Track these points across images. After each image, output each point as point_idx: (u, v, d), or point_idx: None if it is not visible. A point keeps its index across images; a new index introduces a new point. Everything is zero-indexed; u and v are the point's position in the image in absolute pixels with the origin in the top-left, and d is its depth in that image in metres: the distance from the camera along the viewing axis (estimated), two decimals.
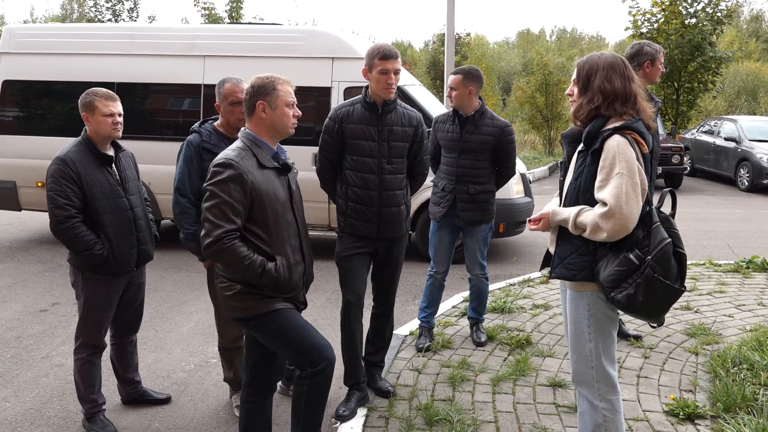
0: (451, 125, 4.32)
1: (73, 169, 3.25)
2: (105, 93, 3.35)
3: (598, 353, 2.57)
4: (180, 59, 7.41)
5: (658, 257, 2.36)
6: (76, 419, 3.62)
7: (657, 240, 2.37)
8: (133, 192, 3.49)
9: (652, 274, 2.34)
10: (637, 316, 2.50)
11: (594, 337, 2.56)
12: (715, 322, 4.87)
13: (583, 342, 2.58)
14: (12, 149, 7.70)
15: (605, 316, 2.57)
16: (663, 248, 2.37)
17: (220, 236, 2.54)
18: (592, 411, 2.62)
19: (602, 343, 2.57)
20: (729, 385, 3.61)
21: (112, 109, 3.34)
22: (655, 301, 2.38)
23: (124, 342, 3.73)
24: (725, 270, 6.47)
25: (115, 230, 3.34)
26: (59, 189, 3.23)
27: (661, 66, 4.27)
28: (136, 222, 3.45)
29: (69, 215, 3.23)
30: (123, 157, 3.53)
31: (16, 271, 6.69)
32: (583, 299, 2.56)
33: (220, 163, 2.60)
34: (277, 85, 2.71)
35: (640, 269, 2.36)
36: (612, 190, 2.35)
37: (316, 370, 2.73)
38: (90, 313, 3.43)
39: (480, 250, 4.47)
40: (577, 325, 2.59)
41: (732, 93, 30.49)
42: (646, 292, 2.36)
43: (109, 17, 20.46)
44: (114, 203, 3.35)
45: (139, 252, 3.48)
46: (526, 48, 48.80)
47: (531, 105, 20.57)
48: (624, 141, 2.40)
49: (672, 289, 2.39)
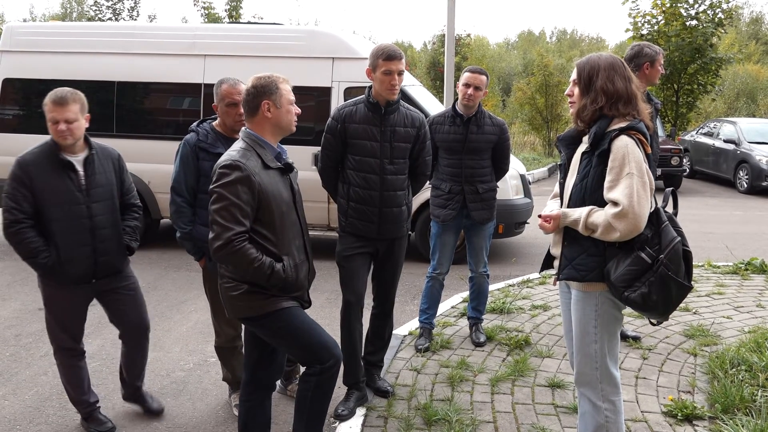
0: (451, 126, 4.32)
1: (25, 172, 3.07)
2: (55, 97, 3.07)
3: (603, 354, 2.59)
4: (180, 58, 7.41)
5: (671, 255, 2.39)
6: (75, 417, 3.62)
7: (668, 239, 2.41)
8: (99, 199, 3.22)
9: (666, 272, 2.37)
10: (650, 314, 2.52)
11: (600, 337, 2.58)
12: (714, 324, 4.88)
13: (589, 342, 2.59)
14: (11, 147, 7.66)
15: (612, 316, 2.58)
16: (674, 246, 2.41)
17: (230, 239, 2.54)
18: (595, 412, 2.63)
19: (608, 343, 2.59)
20: (727, 386, 3.62)
21: (56, 115, 3.05)
22: (668, 298, 2.42)
23: (131, 349, 3.57)
24: (724, 272, 6.48)
25: (65, 239, 3.12)
26: (11, 192, 3.07)
27: (660, 68, 4.28)
28: (95, 231, 3.20)
29: (15, 220, 3.07)
30: (99, 159, 3.26)
31: (15, 269, 6.68)
32: (591, 299, 2.57)
33: (226, 164, 2.59)
34: (279, 84, 2.73)
35: (653, 268, 2.39)
36: (624, 190, 2.38)
37: (324, 366, 2.75)
38: (51, 316, 3.32)
39: (485, 247, 4.53)
40: (584, 325, 2.60)
41: (731, 95, 30.53)
42: (659, 290, 2.39)
43: (109, 16, 20.45)
44: (69, 210, 3.13)
45: (96, 263, 3.22)
46: (527, 49, 48.83)
47: (531, 106, 20.60)
48: (632, 141, 2.44)
49: (683, 287, 2.43)
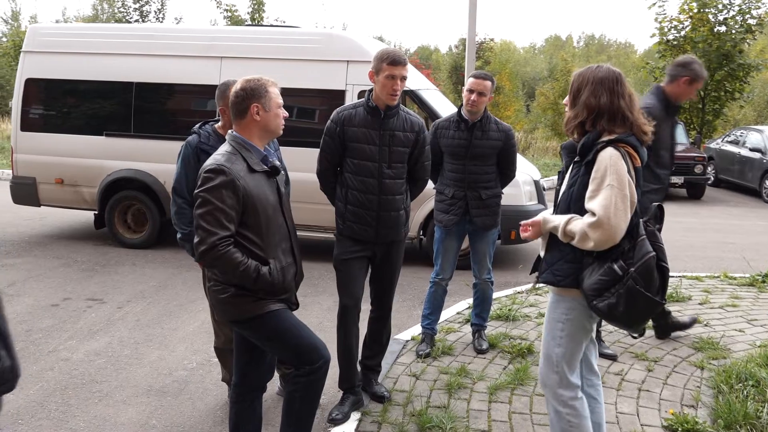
0: (456, 131, 4.29)
1: None
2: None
3: (563, 359, 2.63)
4: (198, 60, 7.49)
5: (641, 270, 2.41)
6: (75, 413, 3.68)
7: (641, 253, 2.42)
8: None
9: (634, 285, 2.39)
10: (617, 324, 2.57)
11: (564, 342, 2.62)
12: (724, 337, 4.77)
13: (553, 345, 2.64)
14: (33, 146, 7.86)
15: (580, 324, 2.62)
16: (646, 261, 2.42)
17: (214, 243, 2.56)
18: (557, 418, 2.67)
19: (570, 350, 2.63)
20: (732, 401, 3.53)
21: None
22: (634, 311, 2.45)
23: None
24: (740, 283, 6.33)
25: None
26: None
27: (693, 93, 4.25)
28: None
29: None
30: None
31: (32, 265, 6.83)
32: (564, 304, 2.62)
33: (211, 168, 2.61)
34: (269, 87, 2.72)
35: (623, 280, 2.41)
36: (601, 201, 2.41)
37: (313, 368, 2.75)
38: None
39: (489, 253, 4.48)
40: (551, 328, 2.66)
41: (761, 103, 29.90)
42: (627, 303, 2.41)
43: (136, 18, 20.79)
44: None
45: None
46: (553, 53, 48.46)
47: (554, 111, 20.43)
48: (617, 154, 2.46)
49: (652, 302, 2.44)
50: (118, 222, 7.81)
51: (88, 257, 7.25)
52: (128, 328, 5.07)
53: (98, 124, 7.72)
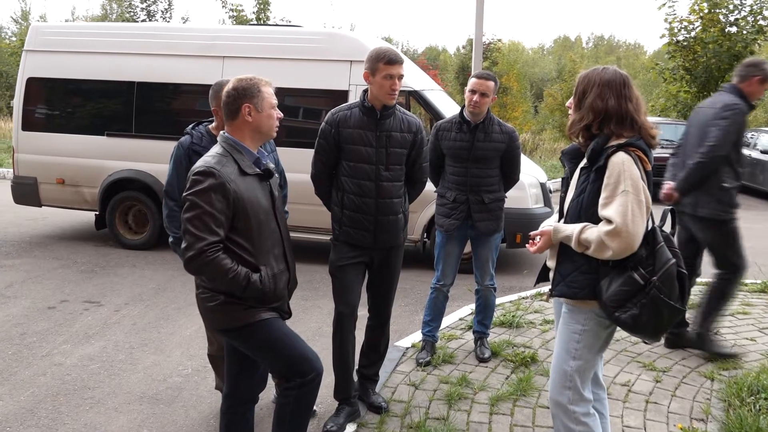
0: (458, 133, 4.17)
1: None
2: None
3: (577, 372, 2.52)
4: (199, 59, 7.40)
5: (664, 278, 2.31)
6: (66, 421, 3.59)
7: (662, 260, 2.33)
8: None
9: (658, 294, 2.30)
10: (640, 335, 2.47)
11: (581, 353, 2.51)
12: (735, 346, 4.63)
13: (567, 359, 2.53)
14: (34, 146, 7.80)
15: (597, 336, 2.51)
16: (668, 269, 2.33)
17: (202, 249, 2.44)
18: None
19: (586, 362, 2.52)
20: (743, 415, 3.40)
21: None
22: (659, 321, 2.35)
23: None
24: (751, 290, 6.16)
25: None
26: None
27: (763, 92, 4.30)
28: None
29: None
30: None
31: (31, 266, 6.76)
32: (580, 315, 2.51)
33: (200, 171, 2.49)
34: (262, 87, 2.60)
35: (645, 289, 2.31)
36: (618, 208, 2.30)
37: (305, 380, 2.65)
38: None
39: (492, 259, 4.36)
40: (566, 341, 2.54)
41: None
42: (651, 313, 2.31)
43: (143, 18, 20.78)
44: None
45: None
46: (562, 54, 48.23)
47: (561, 112, 20.26)
48: (629, 158, 2.36)
49: (675, 310, 2.35)
50: (119, 223, 7.74)
51: (88, 258, 7.18)
52: (124, 331, 4.98)
53: (100, 124, 7.65)
